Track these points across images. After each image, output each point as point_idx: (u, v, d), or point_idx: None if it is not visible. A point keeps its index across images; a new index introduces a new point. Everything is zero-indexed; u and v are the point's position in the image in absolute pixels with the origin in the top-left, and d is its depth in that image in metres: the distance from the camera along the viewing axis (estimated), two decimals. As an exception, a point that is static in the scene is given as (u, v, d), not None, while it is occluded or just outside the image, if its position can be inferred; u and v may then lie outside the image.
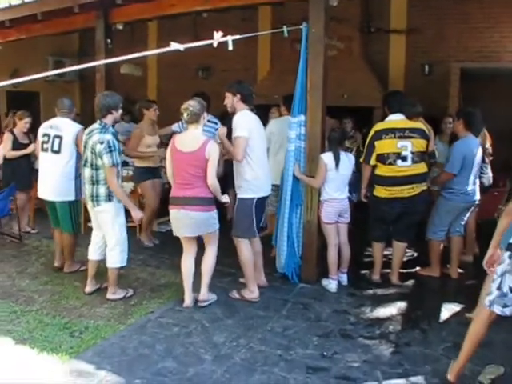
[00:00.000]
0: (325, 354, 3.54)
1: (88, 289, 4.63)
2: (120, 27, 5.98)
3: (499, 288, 2.97)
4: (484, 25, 7.57)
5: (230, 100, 4.39)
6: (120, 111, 4.45)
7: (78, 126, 4.96)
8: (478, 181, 4.96)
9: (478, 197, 4.93)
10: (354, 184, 5.24)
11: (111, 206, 4.34)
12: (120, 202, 4.38)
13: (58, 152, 4.90)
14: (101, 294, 4.58)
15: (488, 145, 5.58)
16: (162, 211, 6.63)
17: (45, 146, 4.96)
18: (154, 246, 6.13)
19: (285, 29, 4.56)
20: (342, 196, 4.70)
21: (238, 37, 3.51)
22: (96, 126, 4.33)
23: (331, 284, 4.69)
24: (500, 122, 7.11)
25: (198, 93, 5.68)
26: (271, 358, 3.47)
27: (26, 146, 6.22)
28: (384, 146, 4.64)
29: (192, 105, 4.08)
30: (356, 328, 3.95)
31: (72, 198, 4.98)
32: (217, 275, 4.47)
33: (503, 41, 7.52)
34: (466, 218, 5.03)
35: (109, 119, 4.32)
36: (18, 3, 5.91)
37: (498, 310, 2.98)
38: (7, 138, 6.19)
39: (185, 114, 4.08)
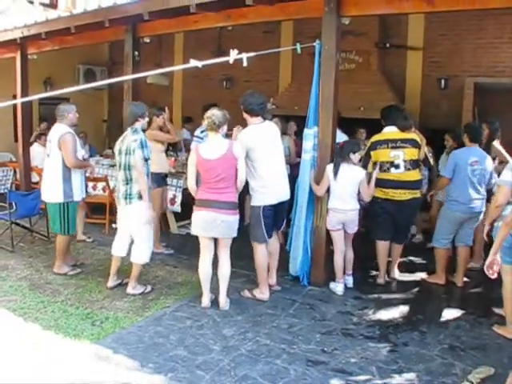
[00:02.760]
0: (325, 349, 3.79)
1: (110, 284, 4.96)
2: (147, 40, 6.35)
3: None
4: (499, 40, 7.70)
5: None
6: (146, 119, 4.91)
7: (64, 131, 5.12)
8: (484, 192, 5.08)
9: (483, 208, 5.08)
10: None
11: (142, 204, 4.70)
12: (149, 202, 4.75)
13: (48, 156, 5.28)
14: (121, 288, 4.90)
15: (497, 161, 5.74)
16: (182, 215, 7.01)
17: (46, 150, 5.37)
18: (173, 251, 6.27)
19: (298, 46, 4.87)
20: (344, 207, 4.84)
21: (252, 54, 3.80)
22: (128, 131, 4.80)
23: (338, 287, 4.92)
24: (512, 136, 7.27)
25: (210, 104, 6.02)
26: (275, 350, 3.74)
27: None
28: (378, 155, 5.10)
29: (215, 114, 4.32)
30: (357, 328, 4.19)
31: (61, 199, 5.16)
32: (231, 276, 4.66)
33: (518, 56, 7.66)
34: (472, 229, 5.19)
35: (137, 125, 4.77)
36: (55, 17, 6.33)
37: None
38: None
39: (206, 122, 4.36)
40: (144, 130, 6.26)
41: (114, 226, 7.12)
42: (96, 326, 4.09)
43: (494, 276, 3.44)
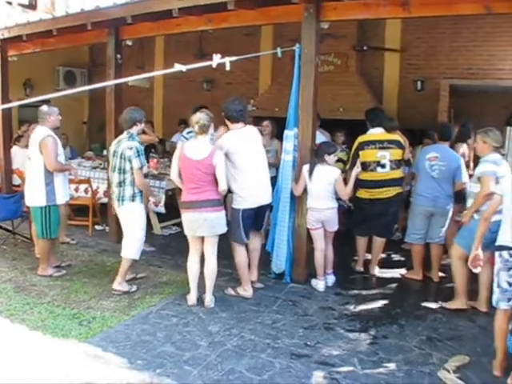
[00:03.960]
0: (308, 343, 3.93)
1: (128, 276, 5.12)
2: (129, 43, 6.39)
3: (499, 286, 3.43)
4: (472, 43, 7.92)
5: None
6: (143, 124, 5.06)
7: (44, 134, 5.13)
8: (449, 190, 5.21)
9: (448, 206, 5.21)
10: None
11: (134, 205, 4.86)
12: (142, 203, 4.92)
13: (30, 159, 5.31)
14: (107, 288, 4.97)
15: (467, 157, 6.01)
16: (166, 216, 7.09)
17: (28, 153, 5.38)
18: (155, 248, 6.39)
19: (278, 50, 5.02)
20: (321, 206, 4.99)
21: (234, 58, 3.92)
22: (124, 135, 4.91)
23: (319, 284, 5.06)
24: (487, 136, 7.50)
25: (200, 106, 6.11)
26: (260, 345, 3.87)
27: None
28: (366, 155, 5.29)
29: (202, 118, 4.47)
30: (339, 322, 4.34)
31: (43, 203, 5.17)
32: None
33: (491, 59, 7.87)
34: (443, 227, 5.28)
35: (134, 129, 4.90)
36: (36, 20, 6.35)
37: (503, 305, 3.42)
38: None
39: (196, 126, 4.48)
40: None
41: (96, 227, 7.21)
42: (83, 326, 4.16)
43: (478, 270, 3.67)
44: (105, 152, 8.01)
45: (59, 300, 4.70)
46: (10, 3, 10.82)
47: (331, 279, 5.20)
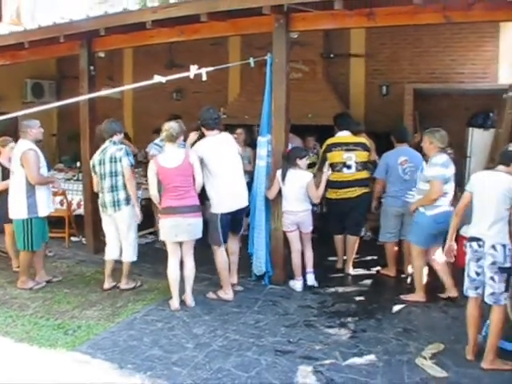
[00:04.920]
0: (291, 340, 4.09)
1: (107, 286, 5.29)
2: (102, 55, 6.47)
3: (468, 275, 3.70)
4: (434, 49, 8.27)
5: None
6: (122, 134, 5.34)
7: (25, 147, 5.16)
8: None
9: None
10: None
11: (129, 208, 5.08)
12: (134, 207, 5.10)
13: (13, 172, 5.33)
14: (89, 298, 5.03)
15: None
16: (141, 225, 7.12)
17: (11, 167, 5.40)
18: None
19: (251, 60, 5.22)
20: (294, 209, 5.15)
21: (211, 68, 4.09)
22: (107, 143, 5.16)
23: (296, 284, 5.22)
24: (451, 136, 7.75)
25: (174, 116, 6.24)
26: (245, 344, 4.01)
27: None
28: (333, 156, 5.62)
29: (173, 127, 4.65)
30: (319, 319, 4.52)
31: (24, 216, 5.18)
32: (195, 280, 4.91)
33: (452, 63, 8.24)
34: None
35: (116, 138, 5.16)
36: (7, 33, 6.37)
37: (472, 293, 3.69)
38: None
39: (164, 133, 4.65)
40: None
41: (73, 239, 7.21)
42: (69, 335, 4.21)
43: (452, 260, 3.95)
44: (78, 164, 8.04)
45: (42, 311, 4.73)
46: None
47: (311, 277, 5.28)
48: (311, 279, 5.29)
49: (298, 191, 5.15)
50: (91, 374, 3.57)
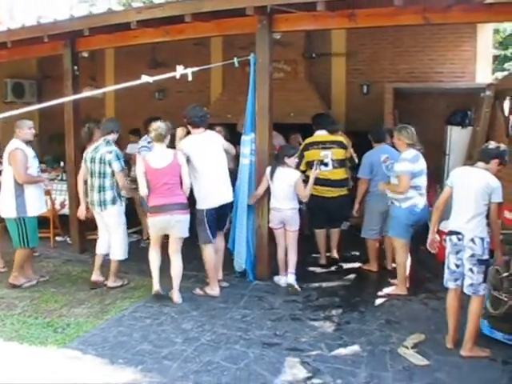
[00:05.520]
0: (277, 333, 4.21)
1: (94, 278, 5.39)
2: (85, 55, 6.50)
3: (448, 267, 3.86)
4: (414, 49, 8.48)
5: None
6: (117, 134, 5.37)
7: (14, 146, 5.22)
8: None
9: None
10: None
11: (116, 208, 5.17)
12: (122, 206, 5.24)
13: (2, 171, 5.40)
14: (77, 296, 5.08)
15: None
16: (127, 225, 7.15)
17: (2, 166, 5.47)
18: None
19: (235, 60, 5.32)
20: (281, 206, 5.19)
21: (196, 69, 4.18)
22: (100, 141, 5.22)
23: (281, 280, 5.31)
24: (430, 134, 7.98)
25: (152, 118, 6.29)
26: (232, 338, 4.11)
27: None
28: (311, 155, 5.80)
29: (161, 126, 4.74)
30: (304, 313, 4.64)
31: (14, 215, 5.24)
32: (182, 276, 4.98)
33: (431, 63, 8.44)
34: None
35: (110, 137, 5.20)
36: (-11, 32, 6.35)
37: (451, 285, 3.85)
38: None
39: (153, 133, 4.72)
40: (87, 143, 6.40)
41: (57, 238, 7.21)
42: (59, 333, 4.25)
43: (435, 251, 4.07)
44: (61, 164, 8.04)
45: (30, 310, 4.76)
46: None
47: (292, 278, 5.24)
48: (291, 279, 5.23)
49: (287, 189, 5.18)
50: (84, 369, 3.63)
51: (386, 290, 5.11)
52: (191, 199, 5.01)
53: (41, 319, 4.54)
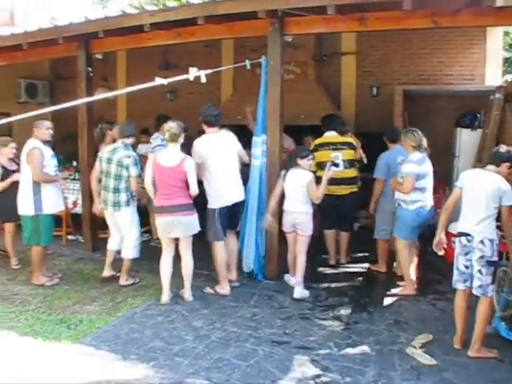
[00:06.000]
0: (287, 331, 4.27)
1: (105, 273, 5.52)
2: (99, 56, 6.59)
3: (457, 268, 3.89)
4: (423, 51, 8.51)
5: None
6: (134, 138, 5.49)
7: (31, 146, 5.32)
8: None
9: None
10: None
11: (129, 209, 5.30)
12: (135, 206, 5.36)
13: (22, 170, 5.49)
14: (89, 294, 5.18)
15: None
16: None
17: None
18: None
19: (247, 62, 5.39)
20: (293, 209, 5.09)
21: (210, 71, 4.24)
22: (118, 144, 5.32)
23: (291, 280, 5.33)
24: (439, 136, 8.04)
25: (161, 115, 6.40)
26: (242, 336, 4.17)
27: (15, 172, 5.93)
28: (321, 156, 5.82)
29: (173, 126, 4.79)
30: (313, 312, 4.70)
31: (31, 212, 5.34)
32: (193, 275, 5.05)
33: (440, 65, 8.47)
34: None
35: (129, 140, 5.33)
36: (7, 34, 6.46)
37: (460, 286, 3.89)
38: None
39: (167, 134, 4.78)
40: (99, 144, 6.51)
41: (69, 237, 7.32)
42: (72, 329, 4.33)
43: (442, 252, 4.08)
44: (74, 163, 8.15)
45: (44, 307, 4.85)
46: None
47: (298, 291, 5.03)
48: (298, 292, 5.02)
49: (299, 190, 5.08)
50: (97, 364, 3.71)
51: (394, 291, 5.17)
52: (200, 199, 5.06)
53: (54, 315, 4.63)
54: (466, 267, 3.83)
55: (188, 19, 5.24)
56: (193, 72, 4.15)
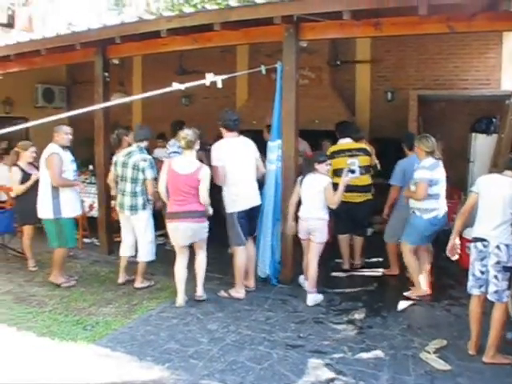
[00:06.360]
0: (301, 335, 4.29)
1: (121, 280, 5.59)
2: (116, 62, 6.69)
3: (473, 274, 3.88)
4: (438, 56, 8.49)
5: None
6: (148, 141, 5.55)
7: (50, 151, 5.42)
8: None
9: None
10: None
11: (146, 213, 5.38)
12: (150, 209, 5.43)
13: (42, 174, 5.58)
14: (105, 296, 5.24)
15: None
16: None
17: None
18: None
19: (263, 68, 5.43)
20: (309, 215, 5.04)
21: (226, 76, 4.28)
22: (134, 148, 5.41)
23: (305, 283, 5.31)
24: (454, 141, 8.02)
25: (177, 121, 6.46)
26: (257, 339, 4.20)
27: None
28: (338, 163, 5.81)
29: (189, 134, 4.85)
30: (327, 316, 4.71)
31: (50, 216, 5.42)
32: (206, 279, 5.12)
33: (455, 70, 8.45)
34: None
35: (144, 144, 5.40)
36: (26, 40, 6.59)
37: (476, 291, 3.88)
38: (15, 173, 6.08)
39: (183, 142, 4.84)
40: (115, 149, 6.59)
41: (85, 240, 7.41)
42: (88, 330, 4.40)
43: (456, 257, 4.05)
44: (90, 167, 8.24)
45: (60, 308, 4.93)
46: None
47: (311, 298, 5.01)
48: (310, 299, 5.01)
49: (316, 196, 5.04)
50: (112, 365, 3.76)
51: (406, 293, 5.15)
52: (215, 205, 5.11)
53: (71, 317, 4.70)
54: (482, 273, 3.82)
55: (204, 25, 5.30)
56: (209, 77, 4.19)
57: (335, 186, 5.42)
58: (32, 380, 3.57)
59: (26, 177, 6.06)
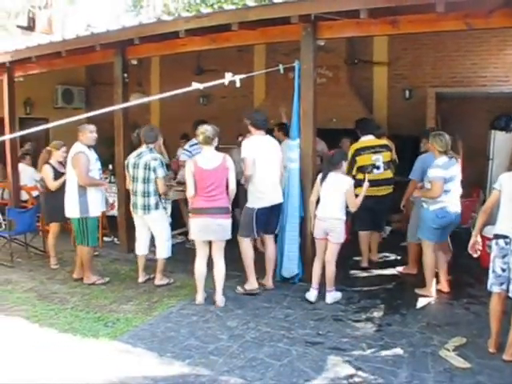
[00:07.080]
0: (320, 332, 4.31)
1: (141, 279, 5.69)
2: (135, 62, 6.77)
3: (493, 271, 3.86)
4: (456, 53, 8.45)
5: (246, 125, 5.40)
6: (158, 141, 5.71)
7: (76, 150, 5.50)
8: None
9: None
10: None
11: (159, 212, 5.43)
12: (165, 208, 5.49)
13: (68, 173, 5.69)
14: (125, 294, 5.32)
15: None
16: (171, 226, 7.37)
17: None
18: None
19: (281, 67, 5.46)
20: (327, 215, 4.94)
21: (244, 76, 4.32)
22: (143, 149, 5.46)
23: (309, 294, 5.05)
24: (473, 139, 7.96)
25: (200, 121, 6.52)
26: (276, 336, 4.24)
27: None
28: (363, 160, 5.95)
29: (208, 129, 4.89)
30: (346, 314, 4.73)
31: (77, 215, 5.54)
32: (226, 277, 5.08)
33: (473, 67, 8.39)
34: None
35: (153, 145, 5.49)
36: (47, 42, 6.70)
37: (496, 289, 3.85)
38: (47, 171, 6.14)
39: (201, 137, 4.88)
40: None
41: (105, 239, 7.51)
42: (109, 327, 4.47)
43: (477, 254, 4.04)
44: (110, 167, 8.35)
45: (82, 305, 5.01)
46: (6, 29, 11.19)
47: (329, 297, 5.01)
48: (329, 297, 5.00)
49: (337, 196, 4.95)
50: (134, 361, 3.83)
51: (416, 290, 5.19)
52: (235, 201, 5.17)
53: (92, 314, 4.78)
54: (503, 270, 3.79)
55: (222, 25, 5.35)
56: (228, 77, 4.24)
57: (359, 182, 5.45)
58: (55, 376, 3.64)
59: (57, 175, 6.13)
